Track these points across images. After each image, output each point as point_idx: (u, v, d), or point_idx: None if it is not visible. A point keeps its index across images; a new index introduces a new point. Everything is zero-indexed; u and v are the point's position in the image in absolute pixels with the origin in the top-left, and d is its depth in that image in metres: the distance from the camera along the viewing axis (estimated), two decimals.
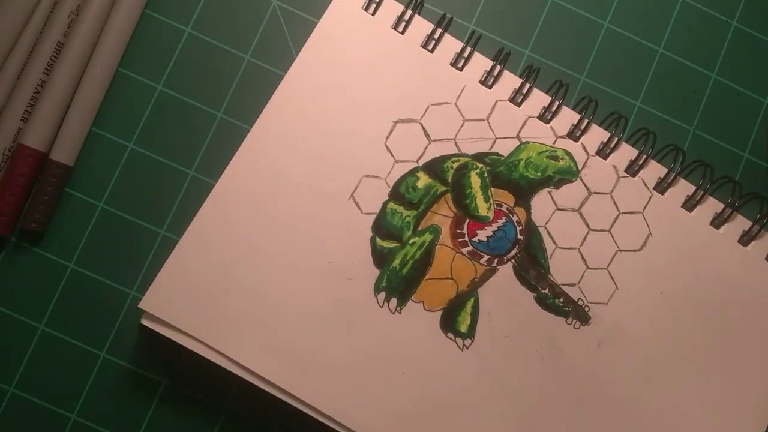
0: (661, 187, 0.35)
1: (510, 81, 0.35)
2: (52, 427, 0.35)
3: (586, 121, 0.35)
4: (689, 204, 0.35)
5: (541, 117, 0.35)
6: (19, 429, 0.35)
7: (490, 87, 0.35)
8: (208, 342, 0.33)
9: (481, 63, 0.35)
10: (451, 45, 0.35)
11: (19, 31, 0.35)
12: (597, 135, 0.35)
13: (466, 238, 0.35)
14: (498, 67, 0.35)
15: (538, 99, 0.35)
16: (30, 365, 0.35)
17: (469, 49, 0.35)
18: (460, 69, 0.35)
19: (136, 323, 0.36)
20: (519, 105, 0.35)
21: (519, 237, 0.35)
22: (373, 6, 0.35)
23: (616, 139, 0.35)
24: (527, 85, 0.35)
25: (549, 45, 0.39)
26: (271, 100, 0.34)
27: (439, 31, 0.35)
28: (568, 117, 0.35)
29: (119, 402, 0.35)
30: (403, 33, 0.35)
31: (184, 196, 0.36)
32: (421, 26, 0.35)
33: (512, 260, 0.35)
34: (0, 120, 0.35)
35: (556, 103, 0.35)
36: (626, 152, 0.35)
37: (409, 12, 0.35)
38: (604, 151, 0.35)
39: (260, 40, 0.37)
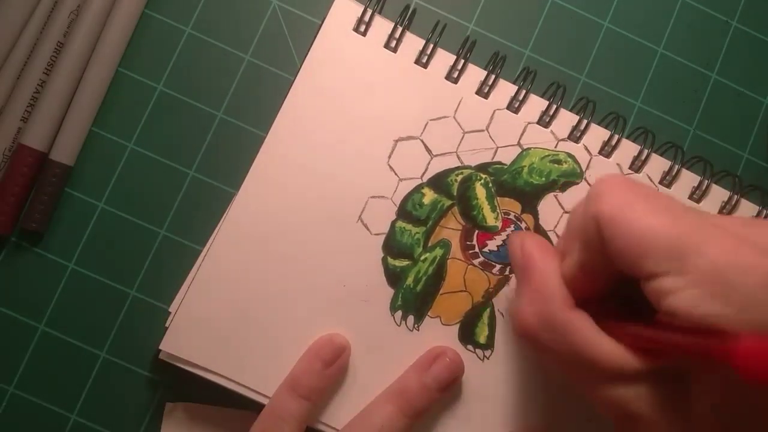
0: (667, 180, 0.35)
1: (506, 88, 0.35)
2: (52, 427, 0.35)
3: (585, 122, 0.35)
4: (696, 195, 0.35)
5: (540, 122, 0.35)
6: (19, 429, 0.35)
7: (486, 97, 0.35)
8: (230, 376, 0.33)
9: (475, 74, 0.35)
10: (444, 58, 0.35)
11: (19, 31, 0.35)
12: (598, 135, 0.35)
13: (477, 250, 0.35)
14: (492, 77, 0.35)
15: (536, 104, 0.35)
16: (30, 365, 0.35)
17: (462, 61, 0.34)
18: (455, 82, 0.35)
19: (136, 323, 0.36)
20: (517, 112, 0.35)
21: None
22: (363, 27, 0.34)
23: (617, 137, 0.35)
24: (523, 92, 0.35)
25: (549, 45, 0.39)
26: (271, 132, 0.34)
27: (431, 46, 0.34)
28: (567, 119, 0.35)
29: (119, 402, 0.35)
30: (395, 51, 0.35)
31: (184, 196, 0.36)
32: (413, 42, 0.35)
33: None
34: (0, 120, 0.35)
35: (554, 107, 0.35)
36: (629, 149, 0.35)
37: (400, 29, 0.34)
38: (606, 150, 0.35)
39: (260, 40, 0.37)
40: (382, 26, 0.35)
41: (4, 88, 0.35)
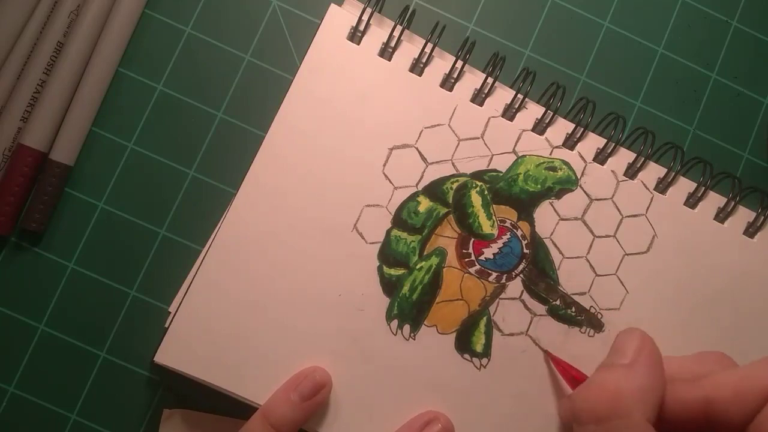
0: (662, 186, 0.35)
1: (501, 96, 0.35)
2: (52, 427, 0.35)
3: (580, 129, 0.35)
4: (691, 201, 0.35)
5: (535, 129, 0.35)
6: (19, 429, 0.35)
7: (481, 104, 0.35)
8: (226, 387, 0.33)
9: (470, 81, 0.35)
10: (439, 66, 0.35)
11: (19, 31, 0.35)
12: (593, 141, 0.35)
13: (473, 258, 0.34)
14: (487, 85, 0.35)
15: (531, 111, 0.35)
16: (30, 365, 0.35)
17: (460, 63, 0.34)
18: (450, 90, 0.35)
19: (136, 323, 0.36)
20: (512, 119, 0.35)
21: (525, 251, 0.35)
22: (358, 36, 0.34)
23: (613, 144, 0.35)
24: (518, 99, 0.35)
25: (549, 45, 0.39)
26: (265, 141, 0.34)
27: (425, 54, 0.34)
28: (562, 126, 0.35)
29: (119, 402, 0.35)
30: (389, 60, 0.35)
31: (184, 196, 0.36)
32: (408, 51, 0.35)
33: (521, 275, 0.34)
34: (0, 120, 0.35)
35: (549, 114, 0.35)
36: (623, 156, 0.35)
37: (395, 38, 0.34)
38: (601, 157, 0.35)
39: (260, 40, 0.37)
40: (376, 35, 0.35)
41: (4, 88, 0.35)
